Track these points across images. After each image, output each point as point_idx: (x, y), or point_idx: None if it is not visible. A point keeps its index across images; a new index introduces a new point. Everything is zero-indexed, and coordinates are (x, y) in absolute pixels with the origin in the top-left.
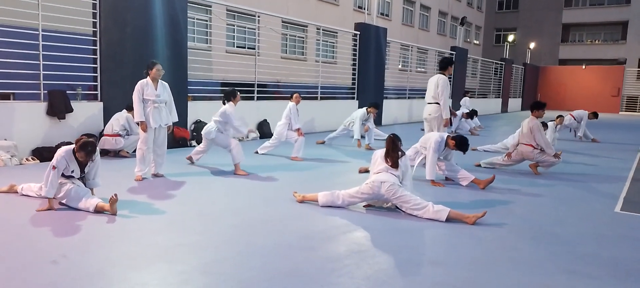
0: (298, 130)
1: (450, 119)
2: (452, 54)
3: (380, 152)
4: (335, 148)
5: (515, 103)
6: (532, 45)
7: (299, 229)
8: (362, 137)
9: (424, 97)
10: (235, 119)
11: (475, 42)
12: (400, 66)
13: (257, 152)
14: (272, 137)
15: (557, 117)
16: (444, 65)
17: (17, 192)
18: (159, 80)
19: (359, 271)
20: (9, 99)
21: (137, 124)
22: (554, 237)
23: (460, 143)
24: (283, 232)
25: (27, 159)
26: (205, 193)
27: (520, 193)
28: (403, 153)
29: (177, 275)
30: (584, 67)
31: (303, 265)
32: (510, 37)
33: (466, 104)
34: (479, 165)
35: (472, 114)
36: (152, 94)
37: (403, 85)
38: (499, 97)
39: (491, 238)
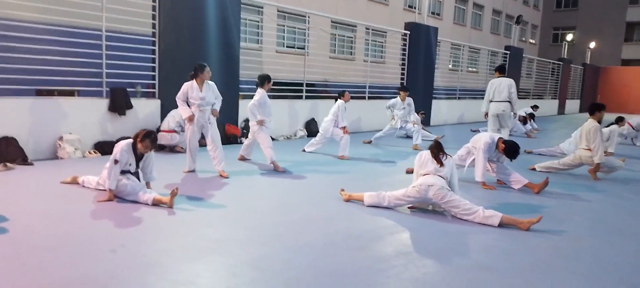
0: (344, 128)
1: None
2: (506, 54)
3: (426, 154)
4: (382, 148)
5: (573, 105)
6: (592, 44)
7: (346, 228)
8: (409, 136)
9: (476, 98)
10: (255, 104)
11: (531, 41)
12: (450, 66)
13: (304, 150)
14: (318, 133)
15: (618, 120)
16: (504, 68)
17: (79, 183)
18: (205, 81)
19: (407, 273)
20: (74, 96)
21: (185, 120)
22: (615, 247)
23: (510, 149)
24: (330, 230)
25: (89, 152)
26: (255, 190)
27: (578, 198)
28: (448, 156)
29: (228, 268)
30: None
31: (350, 265)
32: (569, 36)
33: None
34: (534, 169)
35: (529, 117)
36: (196, 97)
37: (454, 85)
38: (555, 99)
39: (547, 245)
